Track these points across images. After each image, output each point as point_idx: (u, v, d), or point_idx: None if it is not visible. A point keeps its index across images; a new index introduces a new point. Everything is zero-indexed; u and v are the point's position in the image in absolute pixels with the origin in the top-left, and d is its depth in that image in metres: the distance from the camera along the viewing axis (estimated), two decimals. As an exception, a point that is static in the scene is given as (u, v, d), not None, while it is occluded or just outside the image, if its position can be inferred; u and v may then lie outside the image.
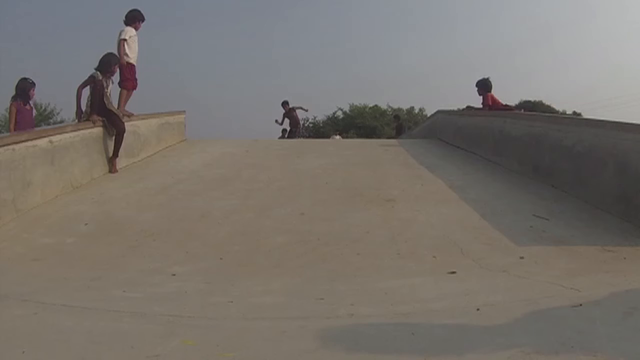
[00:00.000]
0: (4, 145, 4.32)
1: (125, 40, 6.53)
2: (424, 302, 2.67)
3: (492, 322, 2.28)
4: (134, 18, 6.69)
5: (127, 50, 6.54)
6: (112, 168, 6.05)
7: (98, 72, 5.88)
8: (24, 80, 6.09)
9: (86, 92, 5.97)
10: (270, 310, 2.62)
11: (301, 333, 2.27)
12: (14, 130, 5.76)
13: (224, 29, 66.64)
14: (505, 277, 3.07)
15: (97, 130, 5.91)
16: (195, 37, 66.52)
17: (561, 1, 70.20)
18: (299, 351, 2.07)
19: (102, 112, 5.97)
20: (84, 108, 5.94)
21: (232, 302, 2.74)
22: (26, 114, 5.97)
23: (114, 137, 6.09)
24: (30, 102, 6.26)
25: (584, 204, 4.52)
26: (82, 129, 5.61)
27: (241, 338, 2.22)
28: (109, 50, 6.27)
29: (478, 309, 2.44)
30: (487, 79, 7.89)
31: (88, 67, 6.16)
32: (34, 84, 6.14)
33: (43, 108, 27.64)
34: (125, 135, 6.25)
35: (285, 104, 13.88)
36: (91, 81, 5.87)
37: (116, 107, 6.38)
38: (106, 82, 6.00)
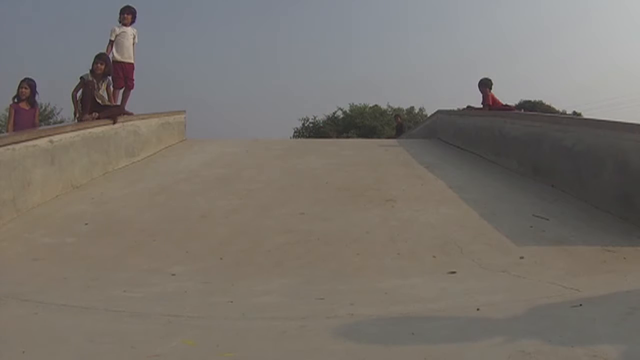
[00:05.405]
0: (4, 145, 4.32)
1: (111, 41, 6.66)
2: (424, 302, 2.67)
3: (492, 322, 2.28)
4: (120, 13, 6.78)
5: (113, 50, 6.64)
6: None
7: (88, 73, 6.02)
8: (21, 80, 6.04)
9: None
10: (270, 310, 2.62)
11: (301, 333, 2.27)
12: (12, 131, 5.75)
13: (224, 29, 66.65)
14: (505, 277, 3.07)
15: (97, 130, 5.91)
16: (196, 36, 66.55)
17: (561, 1, 70.29)
18: (299, 351, 2.07)
19: (97, 109, 6.09)
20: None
21: (232, 302, 2.74)
22: (24, 115, 5.92)
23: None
24: (36, 101, 6.11)
25: (584, 204, 4.52)
26: (82, 129, 5.61)
27: (241, 338, 2.22)
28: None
29: (478, 309, 2.44)
30: (488, 78, 7.94)
31: (88, 66, 6.23)
32: (27, 83, 5.93)
33: (43, 108, 27.63)
34: (125, 135, 6.32)
35: None
36: (82, 84, 6.04)
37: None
38: (99, 81, 6.14)
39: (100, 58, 6.16)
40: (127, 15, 6.76)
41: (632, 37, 69.07)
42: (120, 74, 6.69)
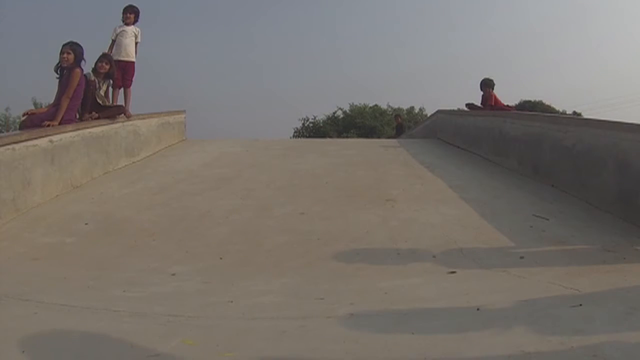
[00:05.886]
0: (3, 145, 4.31)
1: (113, 40, 6.67)
2: (424, 302, 2.67)
3: (492, 322, 2.27)
4: (123, 12, 6.77)
5: (113, 50, 6.64)
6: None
7: (90, 73, 5.99)
8: (63, 45, 5.53)
9: None
10: (270, 310, 2.62)
11: (301, 333, 2.27)
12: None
13: (224, 29, 66.66)
14: (505, 277, 3.06)
15: (97, 130, 5.91)
16: (196, 37, 66.53)
17: (561, 2, 70.31)
18: (299, 351, 2.07)
19: (97, 109, 6.09)
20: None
21: (232, 302, 2.74)
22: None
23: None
24: (82, 67, 5.61)
25: (584, 203, 4.52)
26: (82, 129, 5.61)
27: (241, 338, 2.22)
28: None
29: (478, 309, 2.44)
30: (490, 78, 7.97)
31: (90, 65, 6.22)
32: (70, 47, 5.45)
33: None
34: (125, 135, 6.33)
35: None
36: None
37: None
38: (100, 81, 6.14)
39: (105, 57, 6.18)
40: (130, 14, 6.76)
41: (631, 38, 69.11)
42: (118, 73, 6.68)
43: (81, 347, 2.10)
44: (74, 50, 5.43)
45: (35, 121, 5.32)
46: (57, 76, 5.56)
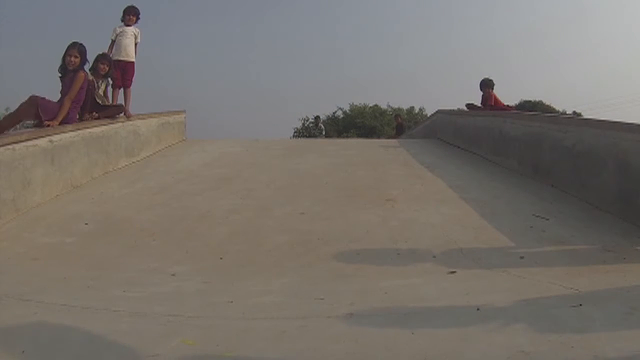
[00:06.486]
0: (3, 145, 4.32)
1: (112, 40, 6.67)
2: (424, 302, 2.67)
3: (492, 322, 2.28)
4: (123, 13, 6.77)
5: (113, 50, 6.64)
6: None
7: (88, 73, 5.97)
8: (68, 47, 5.55)
9: None
10: (270, 310, 2.62)
11: (301, 333, 2.27)
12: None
13: (224, 29, 66.66)
14: (505, 277, 3.06)
15: (97, 130, 5.91)
16: (196, 37, 66.55)
17: (561, 2, 70.35)
18: (299, 351, 2.07)
19: (97, 109, 6.10)
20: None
21: (232, 302, 2.74)
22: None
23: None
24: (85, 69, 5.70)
25: (584, 203, 4.52)
26: (82, 129, 5.61)
27: (241, 338, 2.22)
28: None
29: (478, 309, 2.44)
30: (490, 78, 7.97)
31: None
32: (78, 50, 5.45)
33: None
34: (125, 135, 6.33)
35: None
36: None
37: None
38: (99, 81, 6.16)
39: (104, 58, 6.19)
40: (132, 16, 6.75)
41: (631, 38, 69.17)
42: (117, 73, 6.68)
43: (81, 347, 2.10)
44: (80, 53, 5.47)
45: (44, 103, 5.22)
46: (60, 75, 5.56)
